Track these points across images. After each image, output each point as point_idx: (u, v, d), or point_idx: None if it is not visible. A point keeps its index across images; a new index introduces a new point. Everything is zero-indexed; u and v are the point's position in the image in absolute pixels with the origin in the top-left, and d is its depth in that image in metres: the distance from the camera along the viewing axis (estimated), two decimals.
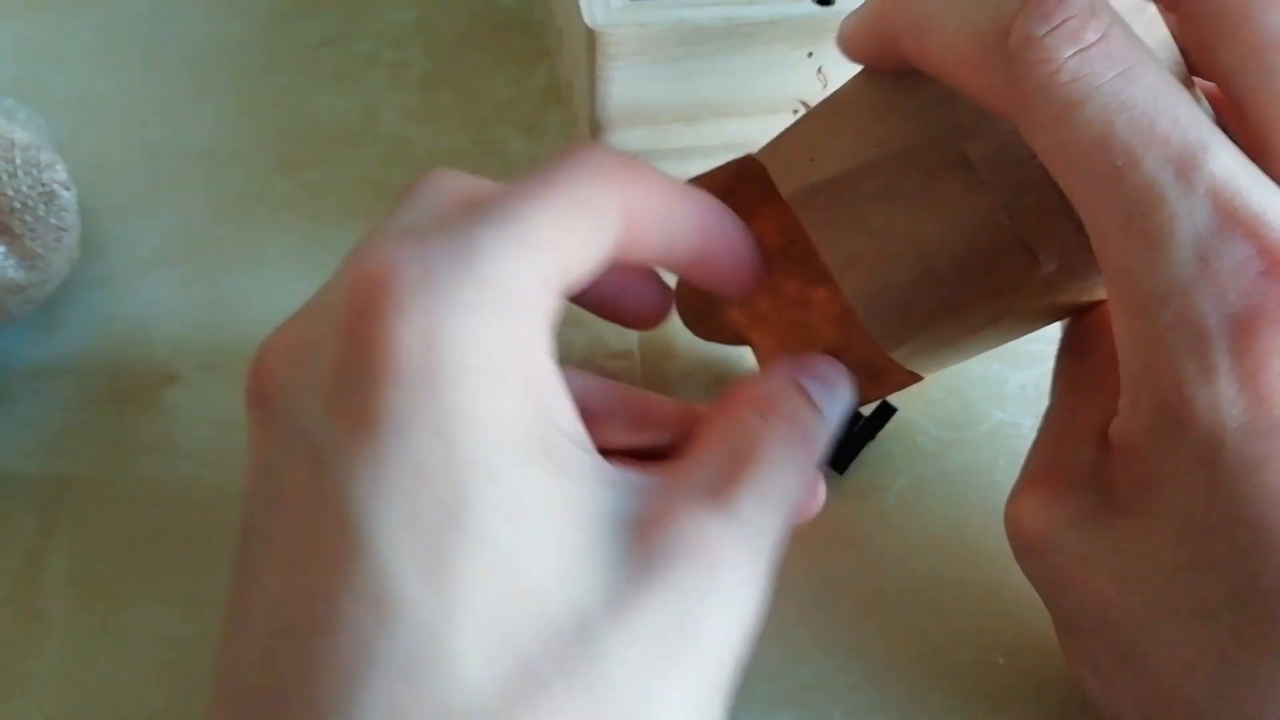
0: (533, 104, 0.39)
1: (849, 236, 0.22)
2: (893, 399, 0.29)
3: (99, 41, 0.40)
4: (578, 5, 0.27)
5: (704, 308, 0.28)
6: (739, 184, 0.25)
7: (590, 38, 0.27)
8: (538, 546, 0.17)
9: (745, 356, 0.32)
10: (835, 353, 0.25)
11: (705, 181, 0.25)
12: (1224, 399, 0.17)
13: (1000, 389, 0.31)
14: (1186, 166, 0.17)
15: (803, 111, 0.30)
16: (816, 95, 0.30)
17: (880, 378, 0.25)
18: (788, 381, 0.23)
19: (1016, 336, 0.24)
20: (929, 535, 0.28)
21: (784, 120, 0.31)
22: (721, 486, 0.20)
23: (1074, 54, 0.18)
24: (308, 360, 0.19)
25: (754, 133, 0.31)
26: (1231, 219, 0.17)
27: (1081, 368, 0.23)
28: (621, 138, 0.30)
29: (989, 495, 0.29)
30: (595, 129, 0.30)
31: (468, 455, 0.17)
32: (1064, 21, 0.18)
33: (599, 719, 0.17)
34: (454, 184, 0.22)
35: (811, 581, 0.27)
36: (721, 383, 0.31)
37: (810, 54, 0.29)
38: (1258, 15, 0.18)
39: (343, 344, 0.18)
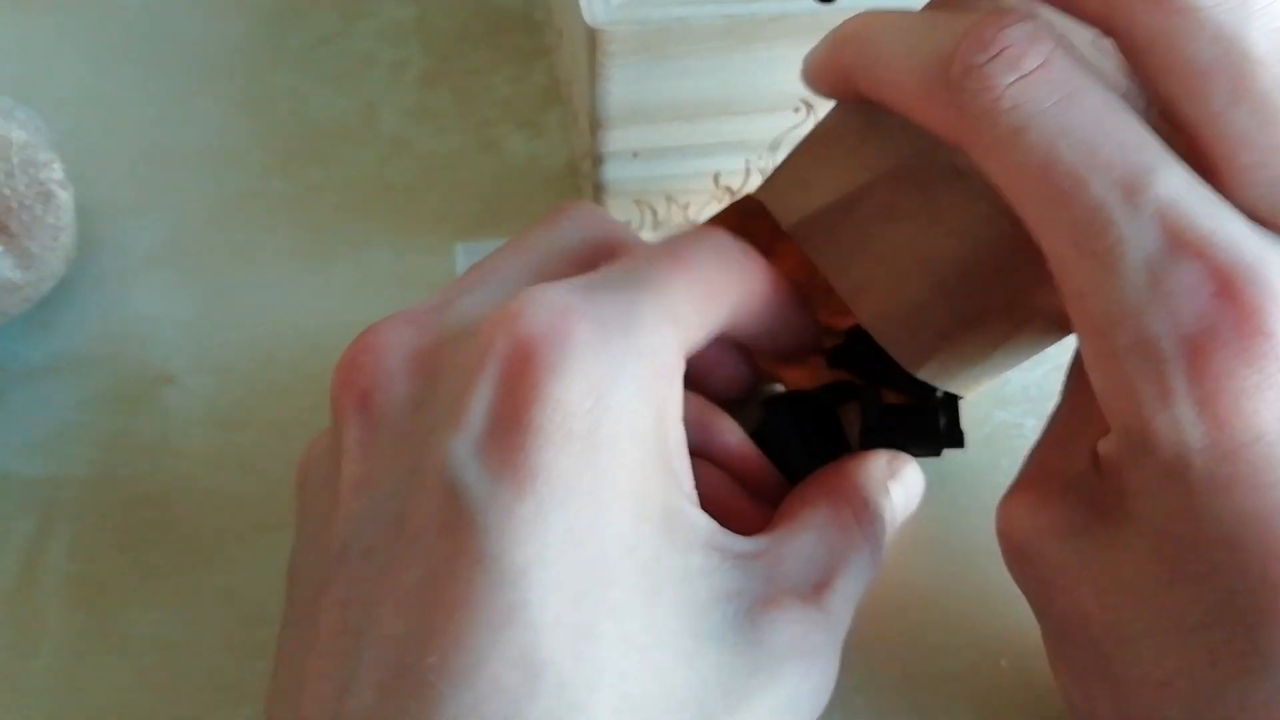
0: (532, 103, 0.38)
1: (856, 261, 0.22)
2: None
3: (97, 41, 0.40)
4: (577, 3, 0.27)
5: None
6: (747, 224, 0.24)
7: (590, 36, 0.27)
8: (666, 625, 0.18)
9: None
10: None
11: (716, 225, 0.24)
12: (1185, 421, 0.17)
13: (1002, 390, 0.31)
14: (1133, 189, 0.17)
15: (802, 111, 0.30)
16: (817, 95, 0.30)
17: None
18: (882, 485, 0.24)
19: (1047, 345, 0.24)
20: (931, 537, 0.28)
21: (784, 120, 0.31)
22: (819, 585, 0.21)
23: (1014, 81, 0.18)
24: (439, 384, 0.19)
25: (754, 132, 0.31)
26: (1180, 240, 0.17)
27: (1085, 374, 0.23)
28: (621, 137, 0.30)
29: (991, 497, 0.28)
30: (595, 128, 0.29)
31: (615, 526, 0.18)
32: (1002, 50, 0.18)
33: None
34: (597, 226, 0.24)
35: None
36: None
37: None
38: (1181, 46, 0.17)
39: (505, 391, 0.18)
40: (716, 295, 0.21)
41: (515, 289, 0.20)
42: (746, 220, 0.25)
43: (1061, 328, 0.23)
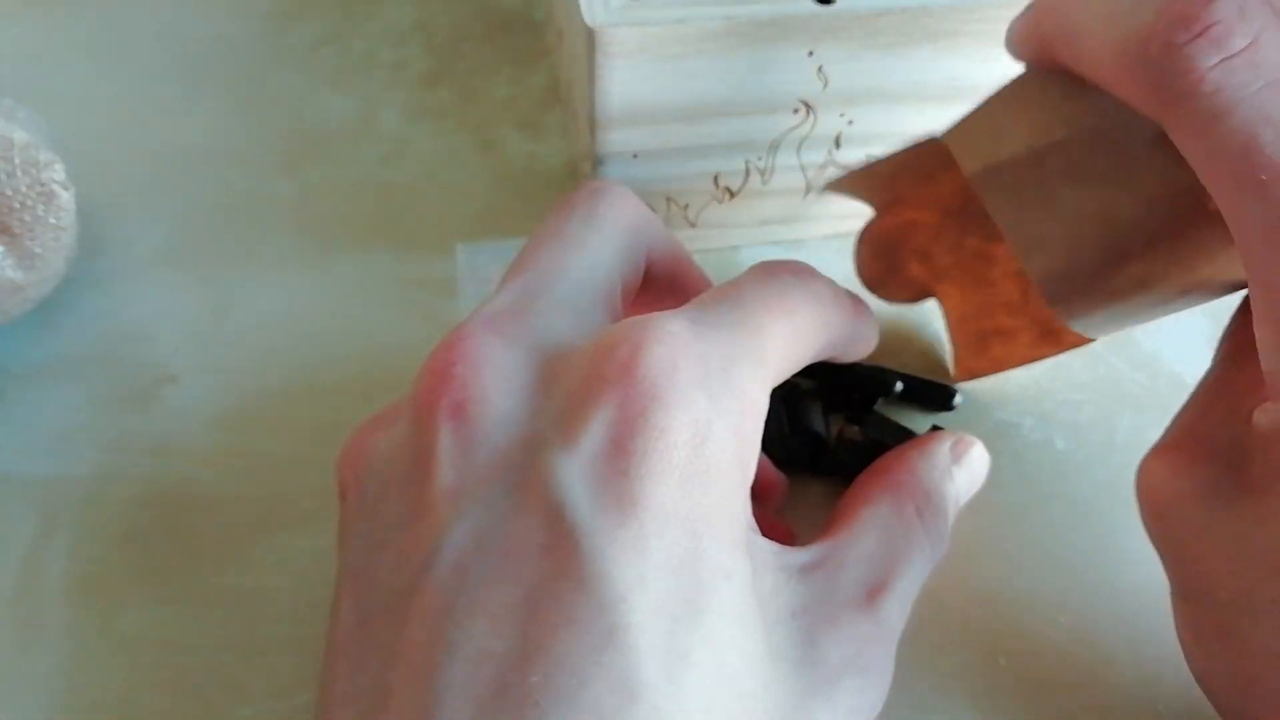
0: (532, 103, 0.38)
1: (1034, 217, 0.22)
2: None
3: (99, 42, 0.40)
4: (577, 4, 0.27)
5: (884, 271, 0.28)
6: (918, 158, 0.25)
7: (590, 37, 0.27)
8: (746, 647, 0.18)
9: None
10: (1013, 308, 0.25)
11: (884, 163, 0.25)
12: None
13: (1001, 389, 0.31)
14: None
15: (802, 112, 0.30)
16: (817, 95, 0.30)
17: (1053, 338, 0.25)
18: (946, 473, 0.25)
19: (1206, 302, 0.24)
20: None
21: (784, 120, 0.31)
22: (876, 588, 0.22)
23: (1217, 63, 0.17)
24: (546, 402, 0.19)
25: (754, 133, 0.31)
26: None
27: (1243, 340, 0.22)
28: (621, 137, 0.30)
29: (990, 496, 0.29)
30: (594, 128, 0.29)
31: (710, 554, 0.18)
32: (1207, 28, 0.17)
33: None
34: (637, 223, 0.24)
35: None
36: None
37: (811, 53, 0.29)
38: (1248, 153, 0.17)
39: (621, 422, 0.18)
40: (807, 341, 0.22)
41: (591, 300, 0.22)
42: (918, 156, 0.24)
43: (1229, 291, 0.23)
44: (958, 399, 0.30)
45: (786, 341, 0.21)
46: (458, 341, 0.20)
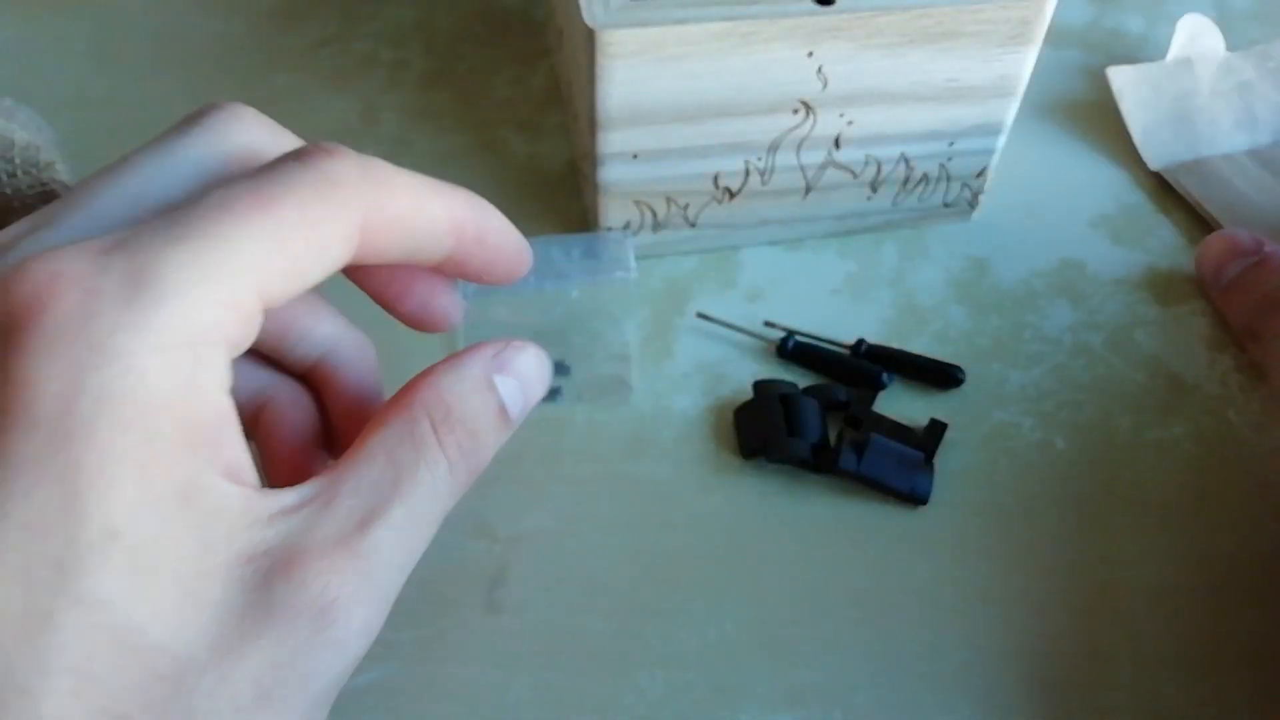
0: (533, 104, 0.39)
1: None
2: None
3: (99, 42, 0.40)
4: (578, 5, 0.27)
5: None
6: None
7: (590, 37, 0.27)
8: (154, 600, 0.17)
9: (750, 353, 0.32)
10: None
11: None
12: None
13: (1001, 389, 0.31)
14: None
15: (801, 113, 0.30)
16: (817, 95, 0.30)
17: None
18: (481, 382, 0.22)
19: None
20: (929, 536, 0.28)
21: (783, 121, 0.31)
22: (366, 525, 0.19)
23: None
24: None
25: (753, 133, 0.31)
26: None
27: None
28: (621, 138, 0.30)
29: (989, 496, 0.29)
30: (595, 129, 0.29)
31: (92, 513, 0.17)
32: None
33: None
34: (240, 137, 0.21)
35: (810, 582, 0.27)
36: (721, 384, 0.31)
37: (810, 54, 0.29)
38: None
39: None
40: (316, 233, 0.19)
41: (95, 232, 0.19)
42: None
43: None
44: (963, 377, 0.30)
45: (270, 239, 0.18)
46: None
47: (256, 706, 0.18)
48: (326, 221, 0.19)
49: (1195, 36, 0.39)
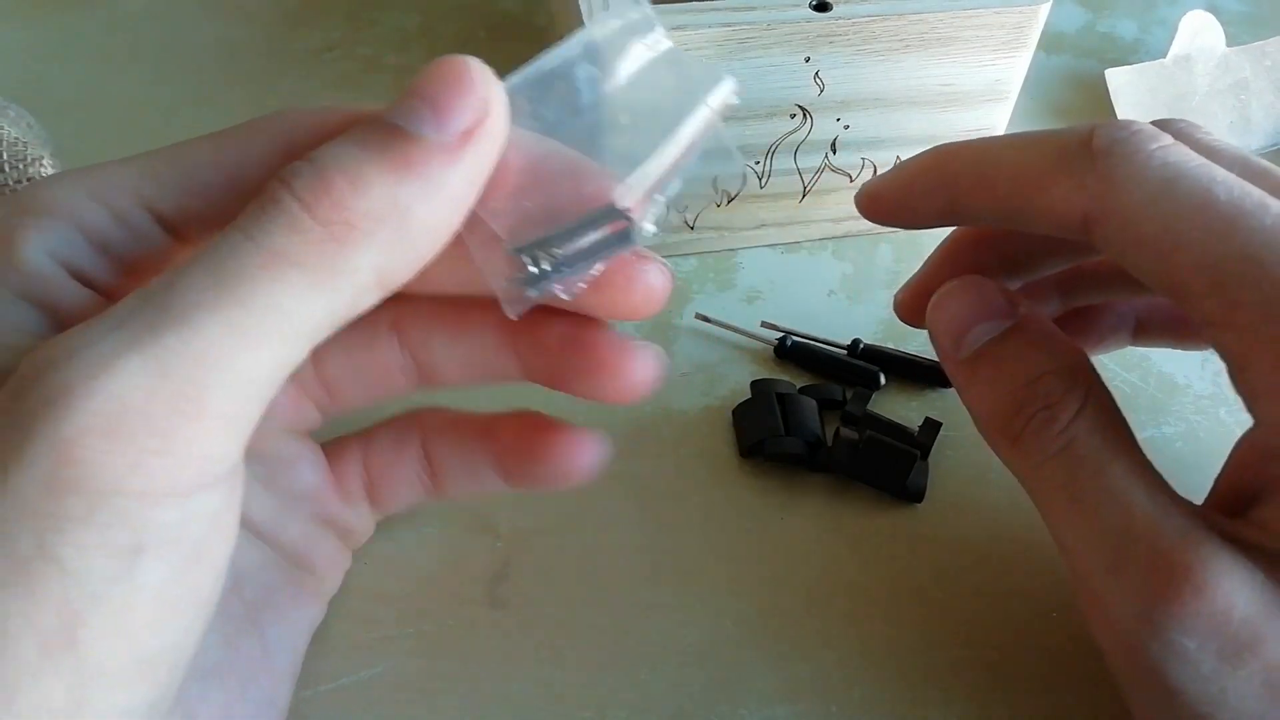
0: None
1: None
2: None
3: (102, 45, 0.41)
4: (579, 11, 0.28)
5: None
6: None
7: None
8: None
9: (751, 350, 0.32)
10: None
11: None
12: None
13: None
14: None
15: (799, 117, 0.31)
16: (814, 100, 0.30)
17: None
18: (351, 117, 0.19)
19: None
20: (924, 533, 0.28)
21: (781, 125, 0.31)
22: (157, 313, 0.16)
23: (1158, 147, 0.20)
24: None
25: (752, 137, 0.31)
26: None
27: None
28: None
29: (985, 495, 0.29)
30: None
31: None
32: (1139, 129, 0.21)
33: None
34: (289, 123, 0.20)
35: (806, 579, 0.27)
36: (719, 384, 0.31)
37: (807, 59, 0.29)
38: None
39: None
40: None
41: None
42: None
43: None
44: None
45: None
46: None
47: None
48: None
49: (1197, 32, 0.40)
